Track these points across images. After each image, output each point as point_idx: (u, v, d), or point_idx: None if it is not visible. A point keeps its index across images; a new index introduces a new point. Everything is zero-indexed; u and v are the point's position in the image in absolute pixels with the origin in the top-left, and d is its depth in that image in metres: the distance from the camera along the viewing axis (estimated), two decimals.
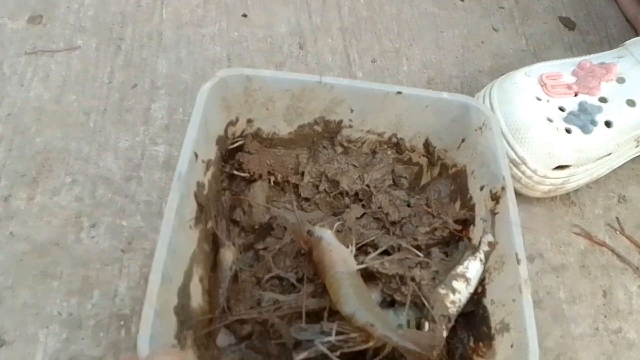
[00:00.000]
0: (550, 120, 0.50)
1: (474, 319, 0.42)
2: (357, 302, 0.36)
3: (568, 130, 0.50)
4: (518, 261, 0.38)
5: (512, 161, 0.50)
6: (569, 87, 0.53)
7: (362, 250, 0.43)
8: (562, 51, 0.69)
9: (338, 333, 0.37)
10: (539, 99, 0.51)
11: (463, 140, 0.47)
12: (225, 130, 0.47)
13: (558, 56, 0.65)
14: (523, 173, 0.51)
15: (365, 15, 0.67)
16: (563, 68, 0.55)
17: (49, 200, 0.48)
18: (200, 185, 0.41)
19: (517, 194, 0.44)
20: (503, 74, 0.57)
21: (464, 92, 0.62)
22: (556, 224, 0.55)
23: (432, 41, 0.66)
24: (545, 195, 0.54)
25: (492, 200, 0.42)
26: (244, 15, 0.64)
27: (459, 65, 0.65)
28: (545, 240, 0.53)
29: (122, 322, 0.43)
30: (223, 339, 0.41)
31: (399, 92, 0.46)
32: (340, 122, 0.49)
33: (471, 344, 0.42)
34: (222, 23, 0.63)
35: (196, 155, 0.39)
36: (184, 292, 0.37)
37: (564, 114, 0.51)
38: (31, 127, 0.52)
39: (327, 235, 0.40)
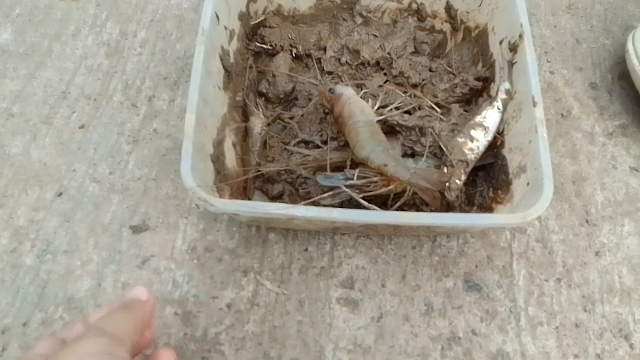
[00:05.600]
0: None
1: (493, 170, 0.44)
2: (372, 145, 0.38)
3: None
4: (534, 103, 0.38)
5: None
6: None
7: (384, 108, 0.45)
8: None
9: (360, 178, 0.40)
10: None
11: None
12: (247, 7, 0.49)
13: None
14: None
15: None
16: None
17: None
18: (225, 51, 0.43)
19: None
20: None
21: (607, 21, 0.56)
22: None
23: None
24: None
25: (511, 51, 0.42)
26: None
27: None
28: None
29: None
30: (257, 199, 0.45)
31: None
32: None
33: (490, 193, 0.43)
34: None
35: (217, 17, 0.41)
36: (218, 146, 0.41)
37: None
38: (172, 34, 0.54)
39: (347, 91, 0.42)
